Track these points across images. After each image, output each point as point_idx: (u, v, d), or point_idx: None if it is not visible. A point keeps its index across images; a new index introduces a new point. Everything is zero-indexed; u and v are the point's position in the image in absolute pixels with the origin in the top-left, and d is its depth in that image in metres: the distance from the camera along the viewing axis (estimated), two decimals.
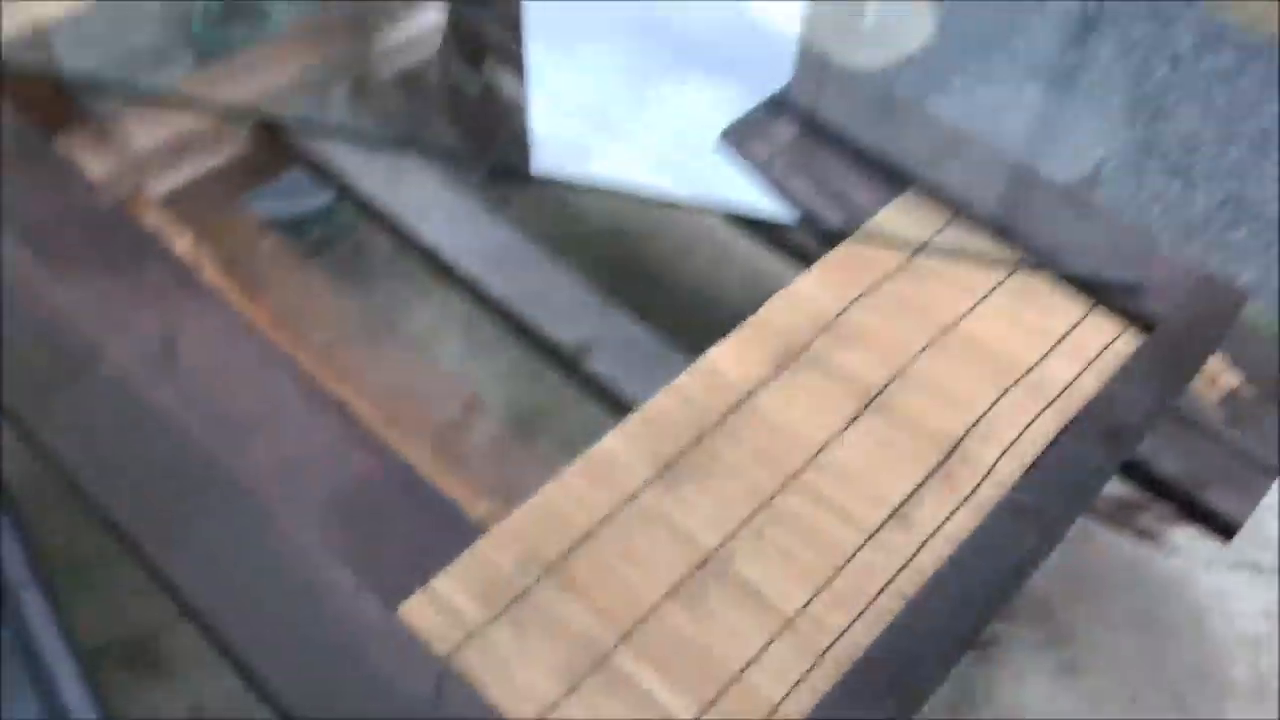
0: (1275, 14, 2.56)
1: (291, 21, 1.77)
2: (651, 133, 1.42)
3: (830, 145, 1.24)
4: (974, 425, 0.93)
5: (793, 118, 1.27)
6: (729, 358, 0.96)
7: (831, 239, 1.11)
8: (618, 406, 1.25)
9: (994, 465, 0.90)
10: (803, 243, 1.19)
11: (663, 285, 1.90)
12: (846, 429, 0.92)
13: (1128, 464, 0.98)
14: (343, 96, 1.56)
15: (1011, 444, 0.92)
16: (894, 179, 1.16)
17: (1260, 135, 2.39)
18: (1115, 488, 1.04)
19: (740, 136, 1.28)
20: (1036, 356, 0.99)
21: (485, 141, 1.80)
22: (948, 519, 0.87)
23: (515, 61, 1.59)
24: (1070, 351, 1.00)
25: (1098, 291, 1.04)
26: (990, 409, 0.94)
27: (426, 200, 1.42)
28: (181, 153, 1.34)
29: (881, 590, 0.82)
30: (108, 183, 1.19)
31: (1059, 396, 0.96)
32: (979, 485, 0.89)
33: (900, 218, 1.10)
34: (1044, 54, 2.53)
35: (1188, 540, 1.34)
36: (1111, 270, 1.05)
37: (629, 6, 1.58)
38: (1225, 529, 0.98)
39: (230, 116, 1.35)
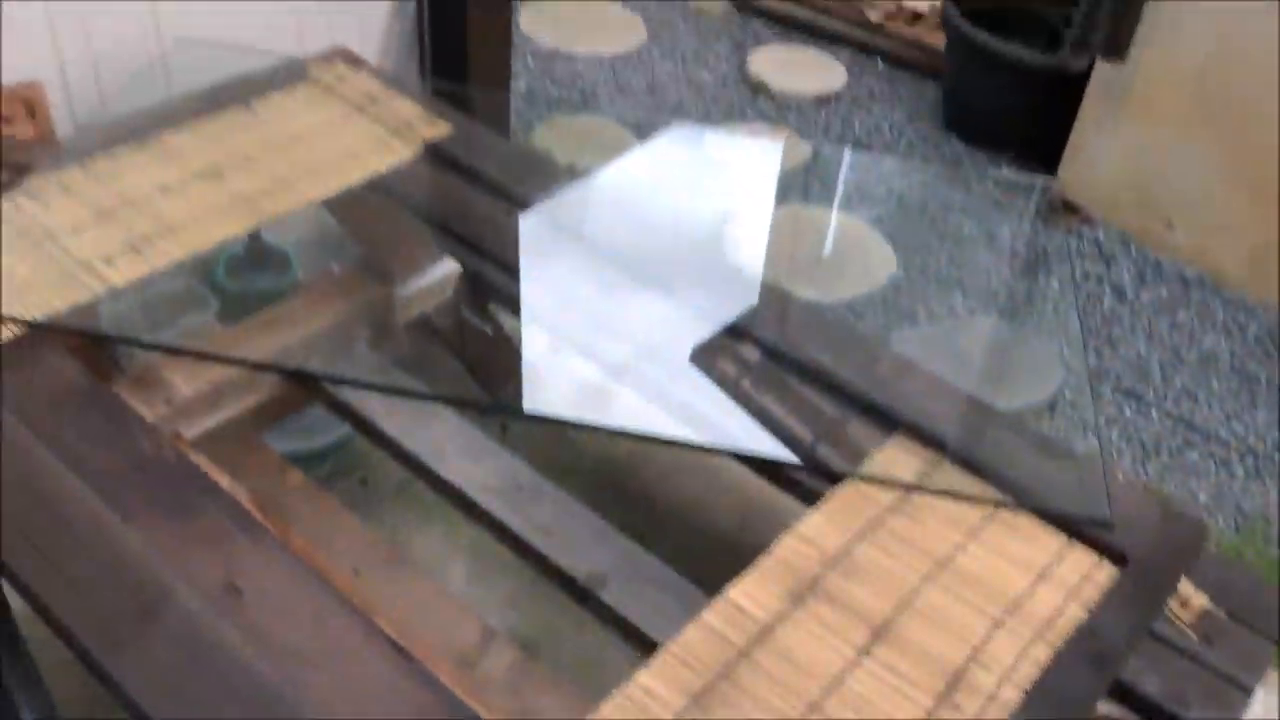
0: (1205, 249, 2.79)
1: (311, 275, 1.92)
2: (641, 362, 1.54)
3: (795, 372, 1.37)
4: (974, 654, 1.01)
5: (756, 343, 1.41)
6: (748, 593, 1.05)
7: (826, 473, 1.23)
8: (629, 633, 1.32)
9: (995, 692, 0.99)
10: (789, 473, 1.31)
11: (656, 510, 2.00)
12: (859, 658, 1.00)
13: (1114, 686, 1.06)
14: (363, 343, 1.69)
15: (1009, 671, 1.01)
16: (878, 416, 1.28)
17: (1202, 360, 2.57)
18: (1103, 707, 1.12)
19: (708, 357, 1.40)
20: (1024, 587, 1.09)
21: (492, 382, 1.92)
22: None
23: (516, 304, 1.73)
24: (1054, 582, 1.10)
25: (1072, 528, 1.15)
26: (988, 638, 1.03)
27: (443, 438, 1.52)
28: (218, 399, 1.44)
29: None
30: (156, 427, 1.29)
31: (1047, 625, 1.05)
32: (984, 712, 0.97)
33: (893, 458, 1.22)
34: (998, 288, 2.74)
35: None
36: (1083, 508, 1.16)
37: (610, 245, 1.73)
38: None
39: (262, 369, 1.46)
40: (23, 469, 1.09)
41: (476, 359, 1.94)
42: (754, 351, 1.44)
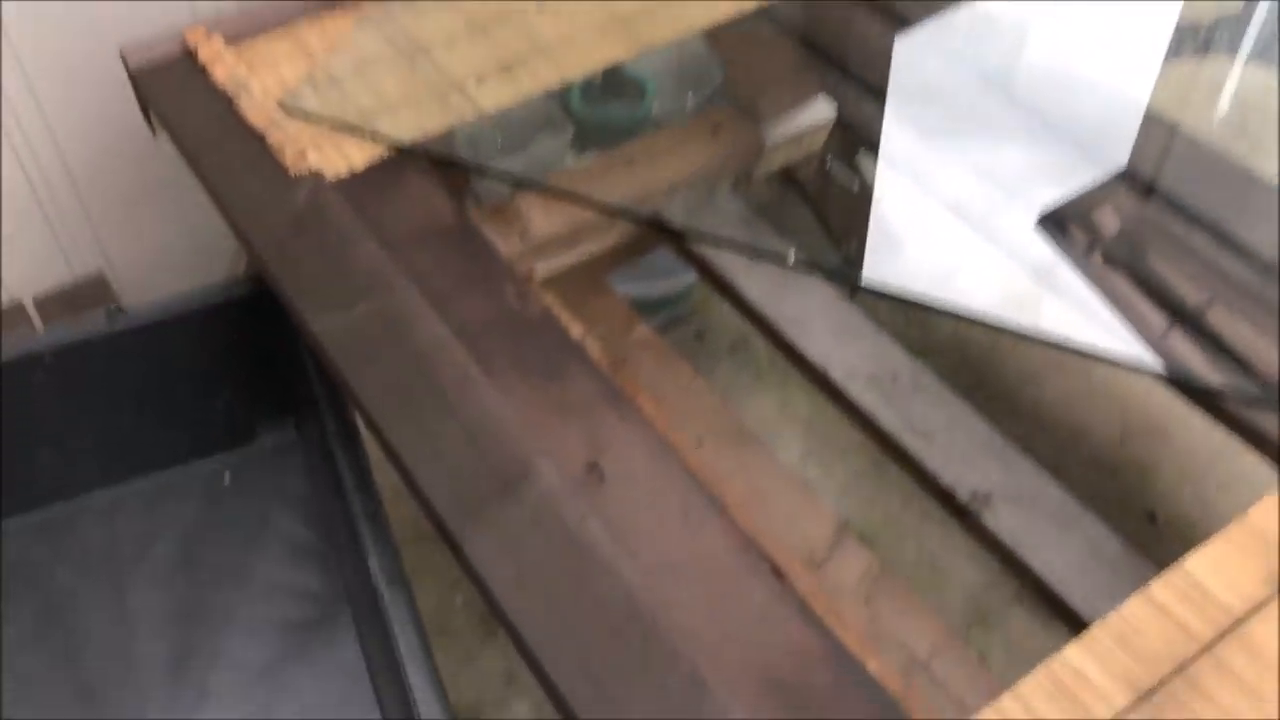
0: None
1: (666, 108, 1.76)
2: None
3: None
4: None
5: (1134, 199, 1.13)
6: (1214, 569, 0.84)
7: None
8: (1008, 559, 1.14)
9: None
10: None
11: (1020, 411, 1.76)
12: None
13: None
14: (725, 192, 1.53)
15: None
16: None
17: None
18: None
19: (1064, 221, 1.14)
20: None
21: (848, 245, 1.73)
22: None
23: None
24: None
25: None
26: None
27: (810, 309, 1.35)
28: (573, 238, 1.33)
29: None
30: (515, 269, 1.19)
31: None
32: None
33: None
34: None
35: None
36: None
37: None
38: None
39: (620, 215, 1.33)
40: (387, 306, 1.01)
41: (837, 218, 1.74)
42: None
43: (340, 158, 1.15)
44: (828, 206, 1.74)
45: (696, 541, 0.86)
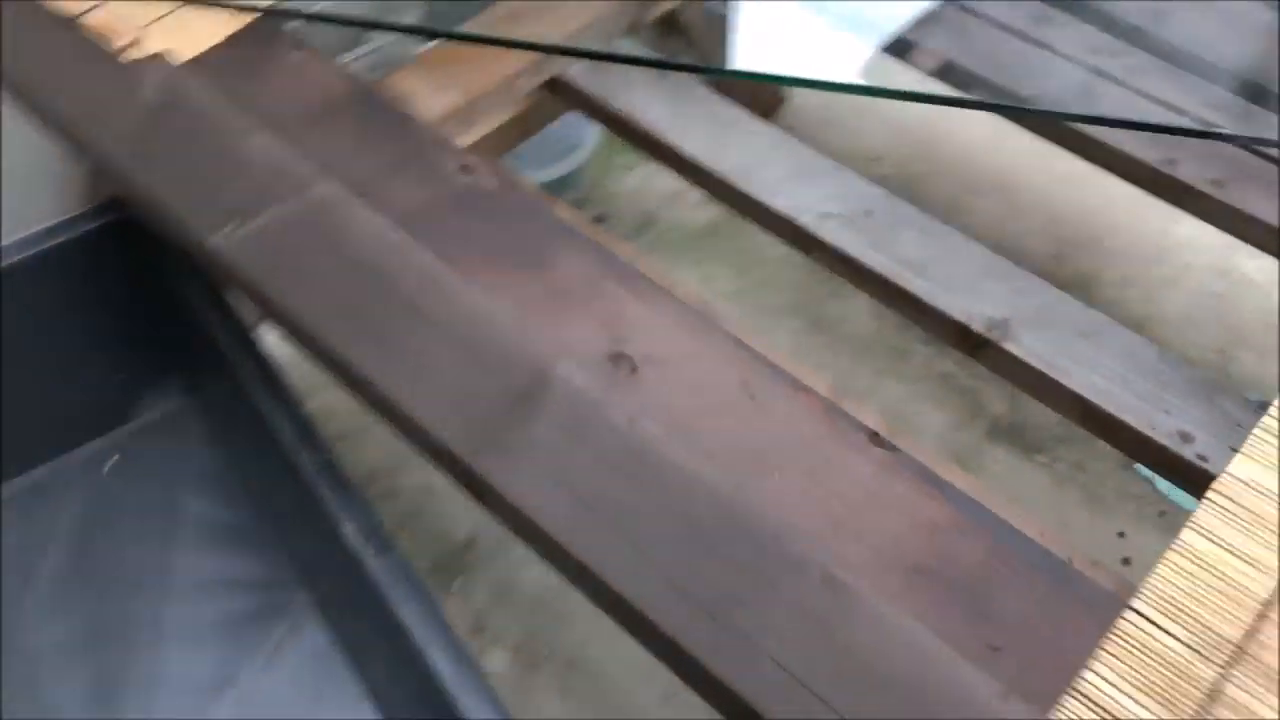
0: None
1: None
2: None
3: None
4: None
5: None
6: None
7: None
8: (1040, 385, 1.02)
9: None
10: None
11: None
12: None
13: None
14: (618, 40, 1.34)
15: None
16: None
17: None
18: None
19: None
20: None
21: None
22: None
23: None
24: None
25: None
26: None
27: (757, 155, 1.18)
28: (471, 114, 1.13)
29: None
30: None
31: None
32: None
33: None
34: None
35: None
36: None
37: None
38: None
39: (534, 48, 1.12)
40: (305, 205, 0.79)
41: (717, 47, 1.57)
42: None
43: (184, 35, 0.90)
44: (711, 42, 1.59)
45: (771, 420, 0.70)
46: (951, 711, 0.57)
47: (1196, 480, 0.87)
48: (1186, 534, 0.64)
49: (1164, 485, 1.48)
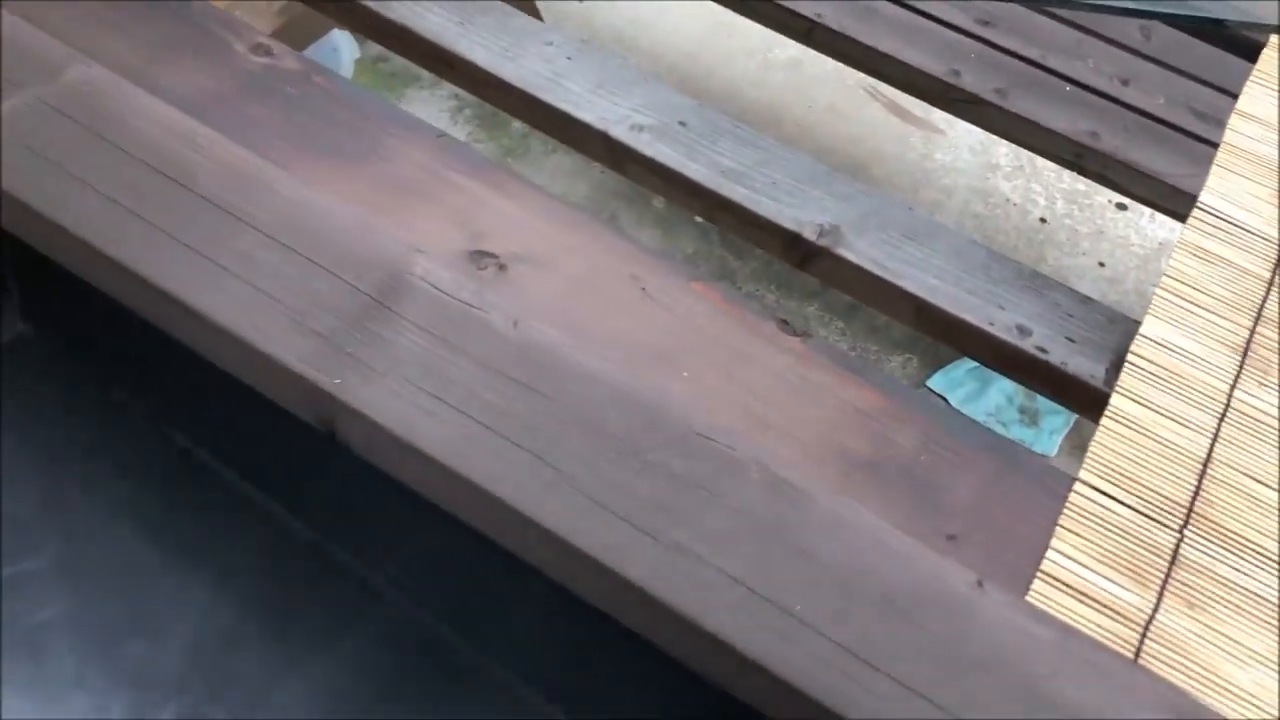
0: None
1: None
2: None
3: None
4: None
5: None
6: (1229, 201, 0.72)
7: None
8: (876, 289, 0.99)
9: None
10: None
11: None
12: None
13: None
14: None
15: None
16: None
17: None
18: None
19: None
20: None
21: None
22: None
23: None
24: None
25: None
26: None
27: (554, 65, 1.09)
28: None
29: None
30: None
31: None
32: None
33: None
34: None
35: None
36: None
37: None
38: None
39: None
40: (65, 92, 0.63)
41: None
42: None
43: None
44: None
45: (672, 316, 0.61)
46: (934, 606, 0.50)
47: (1041, 375, 0.86)
48: (1117, 399, 0.61)
49: (956, 399, 1.51)
